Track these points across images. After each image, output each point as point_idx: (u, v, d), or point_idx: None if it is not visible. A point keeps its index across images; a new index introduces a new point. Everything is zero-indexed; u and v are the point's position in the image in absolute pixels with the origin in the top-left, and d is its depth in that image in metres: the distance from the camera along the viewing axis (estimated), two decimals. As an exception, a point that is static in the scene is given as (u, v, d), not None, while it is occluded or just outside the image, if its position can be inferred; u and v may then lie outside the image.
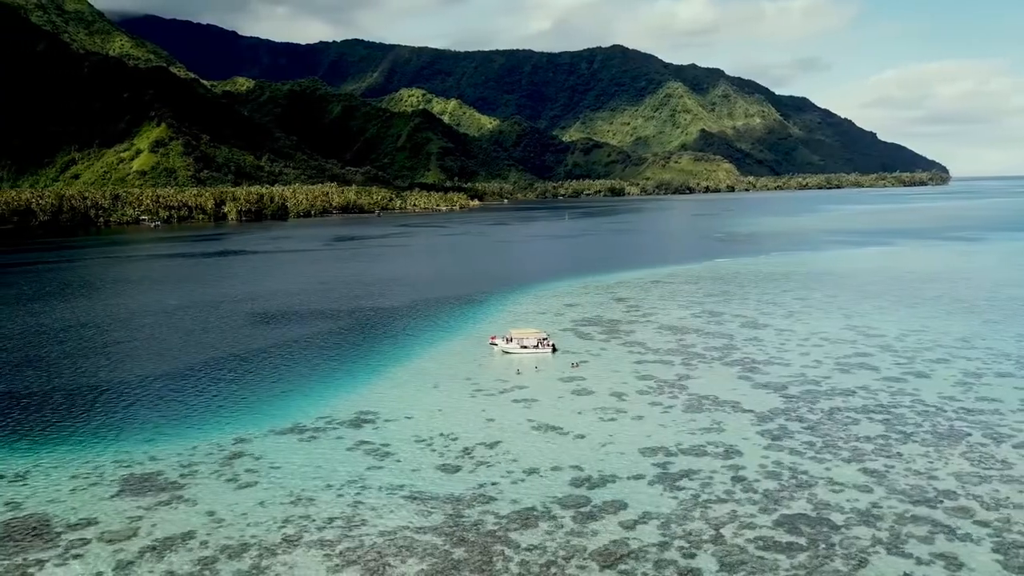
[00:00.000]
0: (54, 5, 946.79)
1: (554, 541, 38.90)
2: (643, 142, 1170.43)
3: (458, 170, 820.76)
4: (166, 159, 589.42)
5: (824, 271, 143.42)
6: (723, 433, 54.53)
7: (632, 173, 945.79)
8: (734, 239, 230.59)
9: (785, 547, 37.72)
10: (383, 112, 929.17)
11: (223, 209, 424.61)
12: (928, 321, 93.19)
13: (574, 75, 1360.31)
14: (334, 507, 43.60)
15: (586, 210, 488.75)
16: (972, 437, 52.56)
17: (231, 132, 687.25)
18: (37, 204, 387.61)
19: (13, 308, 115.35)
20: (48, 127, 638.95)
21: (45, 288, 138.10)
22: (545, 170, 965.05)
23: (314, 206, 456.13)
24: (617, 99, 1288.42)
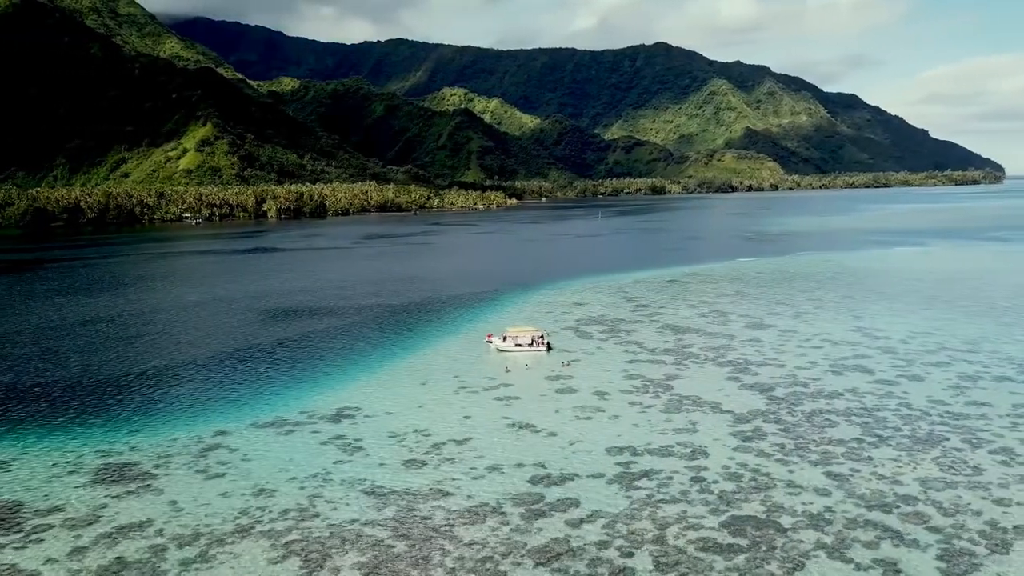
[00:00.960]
0: (108, 8, 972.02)
1: (496, 537, 39.25)
2: (686, 140, 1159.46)
3: (498, 169, 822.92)
4: (211, 158, 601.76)
5: (845, 271, 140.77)
6: (695, 434, 54.22)
7: (674, 171, 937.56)
8: (763, 238, 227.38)
9: (725, 548, 37.53)
10: (425, 111, 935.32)
11: (263, 207, 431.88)
12: (939, 323, 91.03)
13: (617, 73, 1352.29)
14: (292, 499, 44.54)
15: (621, 209, 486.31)
16: (949, 442, 51.44)
17: (275, 131, 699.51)
18: (85, 202, 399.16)
19: (40, 302, 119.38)
20: (100, 127, 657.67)
21: (74, 283, 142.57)
22: (586, 168, 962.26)
23: (352, 204, 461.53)
24: (660, 97, 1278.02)
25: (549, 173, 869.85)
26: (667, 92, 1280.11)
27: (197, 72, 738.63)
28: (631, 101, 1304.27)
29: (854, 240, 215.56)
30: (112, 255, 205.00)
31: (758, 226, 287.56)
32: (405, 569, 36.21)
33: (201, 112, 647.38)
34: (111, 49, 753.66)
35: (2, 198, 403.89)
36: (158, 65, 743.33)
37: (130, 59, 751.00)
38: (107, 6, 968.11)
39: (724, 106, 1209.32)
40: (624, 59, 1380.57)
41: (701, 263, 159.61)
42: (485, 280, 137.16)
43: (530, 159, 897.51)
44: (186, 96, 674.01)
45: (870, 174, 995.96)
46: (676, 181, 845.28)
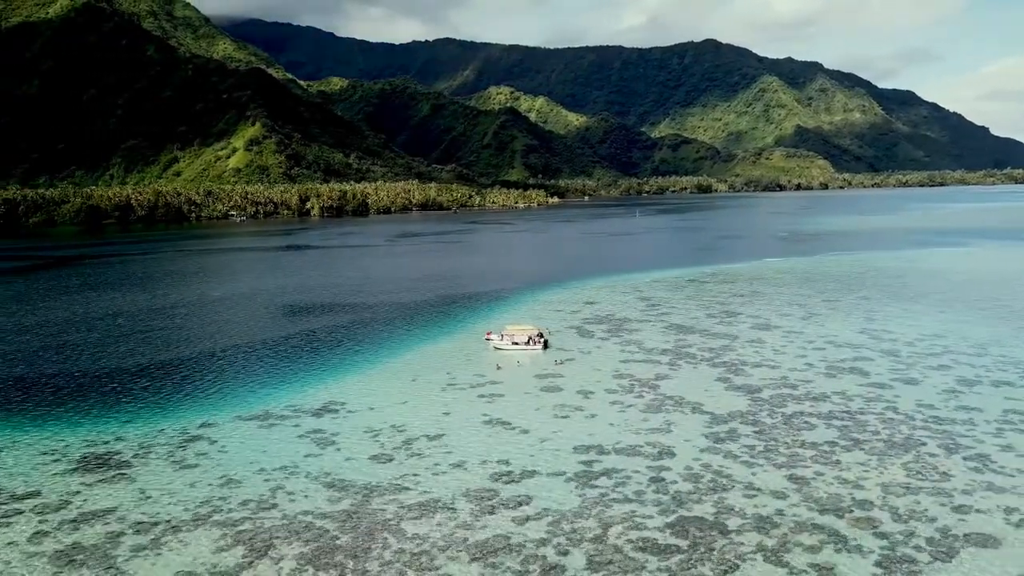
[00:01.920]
0: (164, 11, 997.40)
1: (440, 532, 39.77)
2: (735, 138, 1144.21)
3: (542, 167, 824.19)
4: (259, 157, 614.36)
5: (871, 272, 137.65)
6: (667, 434, 53.96)
7: (721, 170, 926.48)
8: (796, 238, 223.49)
9: (662, 549, 37.45)
10: (470, 110, 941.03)
11: (307, 205, 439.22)
12: (952, 326, 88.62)
13: (665, 71, 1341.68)
14: (254, 490, 45.70)
15: (662, 207, 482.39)
16: (925, 447, 50.30)
17: (322, 131, 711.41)
18: (136, 200, 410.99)
19: (70, 296, 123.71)
20: (154, 127, 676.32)
21: (108, 278, 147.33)
22: (631, 167, 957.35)
23: (394, 203, 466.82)
24: (708, 95, 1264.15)
25: (594, 171, 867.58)
26: (716, 90, 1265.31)
27: (247, 73, 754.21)
28: (679, 99, 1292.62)
29: (892, 240, 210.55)
30: (152, 251, 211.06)
31: (795, 225, 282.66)
32: (342, 560, 36.97)
33: (250, 112, 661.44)
34: (166, 51, 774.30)
35: (59, 196, 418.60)
36: (210, 66, 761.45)
37: (184, 61, 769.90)
38: (163, 9, 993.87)
39: (774, 103, 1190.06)
40: (672, 56, 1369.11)
41: (726, 263, 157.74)
42: (503, 278, 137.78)
43: (575, 157, 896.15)
44: (236, 96, 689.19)
45: (925, 173, 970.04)
46: (722, 180, 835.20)
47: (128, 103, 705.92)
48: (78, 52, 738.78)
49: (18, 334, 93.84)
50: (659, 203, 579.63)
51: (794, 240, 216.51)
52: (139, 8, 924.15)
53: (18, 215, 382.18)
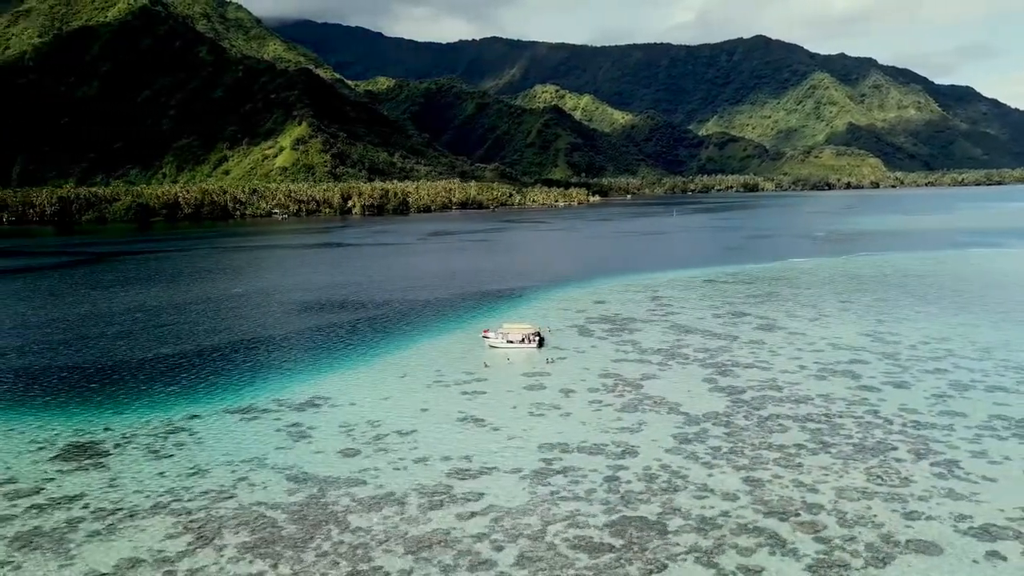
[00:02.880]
0: (218, 14, 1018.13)
1: (383, 525, 40.52)
2: (784, 136, 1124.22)
3: (586, 166, 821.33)
4: (305, 156, 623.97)
5: (896, 273, 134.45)
6: (636, 434, 53.88)
7: (769, 168, 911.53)
8: (832, 238, 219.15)
9: (595, 547, 37.59)
10: (514, 109, 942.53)
11: (348, 204, 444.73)
12: (964, 329, 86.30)
13: (713, 68, 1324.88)
14: (218, 481, 47.03)
15: (703, 206, 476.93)
16: (895, 452, 49.38)
17: (367, 130, 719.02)
18: (183, 198, 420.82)
19: (98, 291, 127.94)
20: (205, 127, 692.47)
21: (139, 274, 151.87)
22: (677, 165, 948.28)
23: (434, 202, 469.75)
24: (758, 92, 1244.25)
25: (638, 170, 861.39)
26: (765, 87, 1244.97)
27: (295, 73, 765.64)
28: (728, 96, 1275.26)
29: (929, 240, 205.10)
30: (189, 248, 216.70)
31: (834, 225, 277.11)
32: (280, 550, 37.96)
33: (297, 112, 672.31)
34: (218, 52, 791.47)
35: (110, 194, 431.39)
36: (260, 67, 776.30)
37: (235, 61, 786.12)
38: (216, 11, 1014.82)
39: (825, 100, 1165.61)
40: (721, 53, 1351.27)
41: (750, 263, 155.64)
42: (520, 277, 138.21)
43: (619, 156, 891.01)
44: (284, 96, 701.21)
45: (982, 171, 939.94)
46: (769, 178, 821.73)
47: (181, 103, 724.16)
48: (134, 54, 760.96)
49: (38, 327, 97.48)
50: (701, 202, 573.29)
51: (827, 240, 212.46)
52: (193, 11, 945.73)
53: (72, 212, 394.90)
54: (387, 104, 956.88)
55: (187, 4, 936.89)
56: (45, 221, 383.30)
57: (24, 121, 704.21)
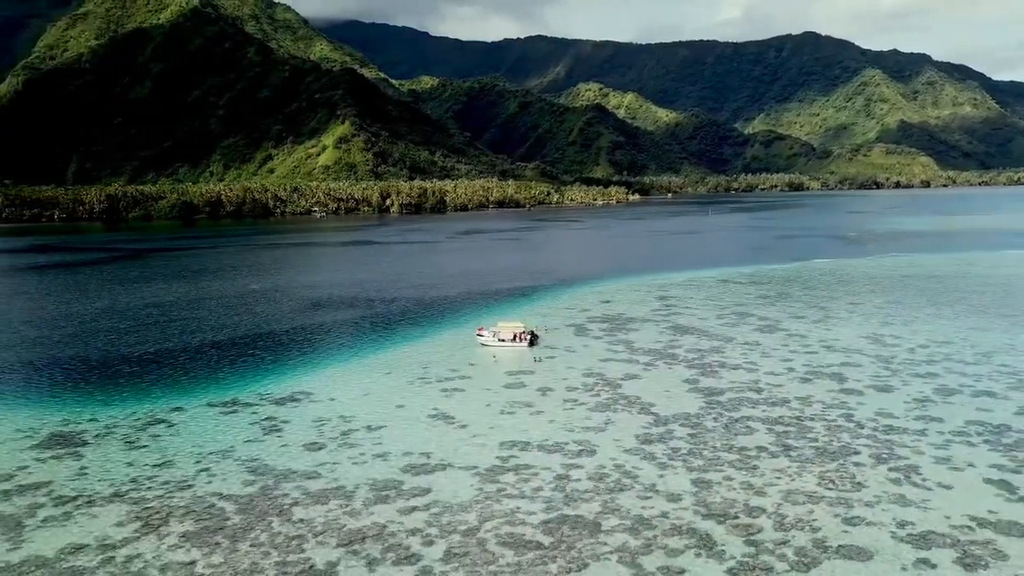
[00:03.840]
0: (266, 15, 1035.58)
1: (324, 518, 41.33)
2: (833, 134, 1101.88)
3: (628, 164, 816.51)
4: (348, 154, 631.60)
5: (918, 275, 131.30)
6: (600, 433, 53.89)
7: (816, 167, 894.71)
8: (864, 238, 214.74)
9: (522, 545, 37.86)
10: (556, 107, 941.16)
11: (387, 202, 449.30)
12: (969, 332, 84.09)
13: (760, 65, 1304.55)
14: (180, 472, 48.41)
15: (740, 206, 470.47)
16: (856, 456, 48.58)
17: (409, 129, 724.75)
18: (226, 196, 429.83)
19: (123, 286, 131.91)
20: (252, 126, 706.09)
21: (166, 271, 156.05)
22: (722, 164, 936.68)
23: (471, 200, 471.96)
24: (806, 89, 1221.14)
25: (681, 168, 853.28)
26: (814, 84, 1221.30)
27: (340, 73, 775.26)
28: (775, 94, 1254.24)
29: (965, 241, 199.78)
30: (222, 245, 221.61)
31: (870, 225, 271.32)
32: (219, 540, 39.01)
33: (341, 111, 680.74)
34: (265, 53, 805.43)
35: (156, 192, 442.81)
36: (305, 67, 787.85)
37: (281, 62, 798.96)
38: (265, 13, 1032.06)
39: (876, 97, 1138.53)
40: (769, 50, 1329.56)
41: (770, 263, 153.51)
42: (533, 275, 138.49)
43: (662, 154, 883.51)
44: (328, 96, 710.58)
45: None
46: (816, 177, 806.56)
47: (229, 103, 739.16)
48: (185, 55, 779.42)
49: (55, 320, 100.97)
50: (742, 201, 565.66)
51: (857, 241, 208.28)
52: (242, 12, 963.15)
53: (119, 210, 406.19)
54: (430, 103, 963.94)
55: (236, 6, 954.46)
56: (94, 218, 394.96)
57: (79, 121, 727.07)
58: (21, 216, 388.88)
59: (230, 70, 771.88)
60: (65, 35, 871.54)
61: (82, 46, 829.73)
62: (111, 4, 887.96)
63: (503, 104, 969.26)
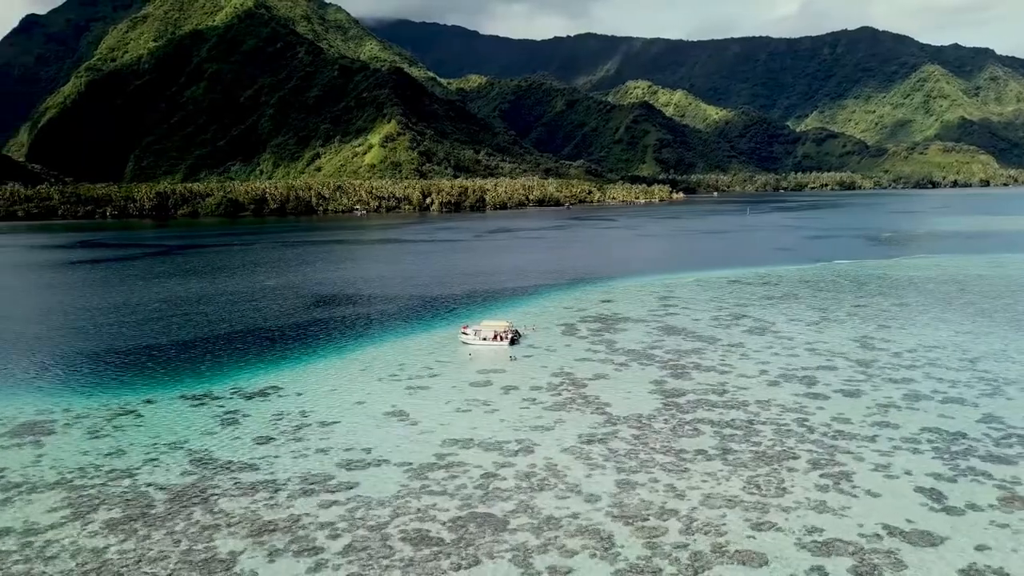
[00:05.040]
0: (318, 16, 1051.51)
1: (244, 509, 42.39)
2: (889, 131, 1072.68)
3: (675, 162, 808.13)
4: (393, 153, 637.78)
5: (939, 276, 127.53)
6: (546, 432, 54.01)
7: (869, 165, 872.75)
8: (895, 239, 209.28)
9: (424, 540, 38.34)
10: (603, 105, 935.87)
11: (427, 200, 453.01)
12: (965, 337, 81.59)
13: (815, 61, 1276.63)
14: (128, 461, 50.05)
15: (785, 205, 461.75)
16: (793, 462, 47.83)
17: (455, 127, 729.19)
18: (270, 194, 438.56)
19: (144, 281, 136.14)
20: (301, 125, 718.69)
21: (192, 267, 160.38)
22: (772, 162, 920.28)
23: (511, 199, 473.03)
24: (862, 86, 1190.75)
25: (730, 166, 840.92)
26: (871, 80, 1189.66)
27: (388, 72, 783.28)
28: (829, 91, 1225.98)
29: (1004, 242, 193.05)
30: (255, 242, 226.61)
31: (909, 225, 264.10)
32: (136, 528, 40.38)
33: (387, 110, 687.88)
34: (315, 53, 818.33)
35: (204, 189, 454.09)
36: (354, 67, 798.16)
37: (331, 62, 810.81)
38: (317, 13, 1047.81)
39: (936, 94, 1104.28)
40: (824, 46, 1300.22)
41: (788, 264, 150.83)
42: (543, 274, 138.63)
43: (710, 152, 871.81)
44: (375, 95, 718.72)
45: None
46: (869, 176, 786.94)
47: (279, 102, 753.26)
48: (238, 55, 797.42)
49: (63, 314, 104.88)
50: (787, 200, 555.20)
51: (889, 241, 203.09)
52: (294, 13, 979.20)
53: (168, 207, 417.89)
54: (477, 101, 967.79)
55: (289, 7, 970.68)
56: (144, 215, 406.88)
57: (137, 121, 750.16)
58: (76, 213, 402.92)
59: (281, 70, 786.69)
60: (126, 37, 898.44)
61: (141, 48, 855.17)
62: (169, 7, 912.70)
63: (550, 102, 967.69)
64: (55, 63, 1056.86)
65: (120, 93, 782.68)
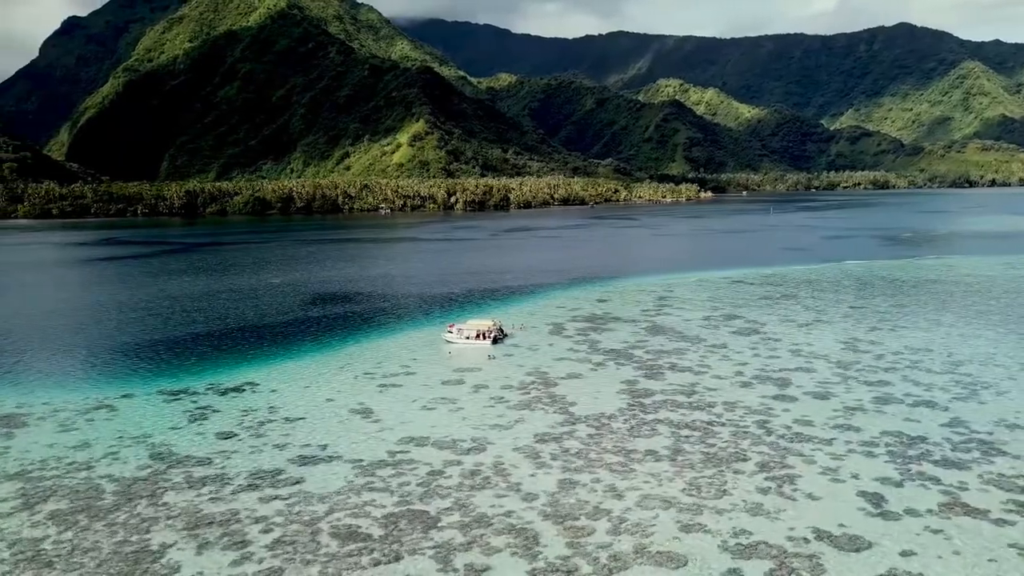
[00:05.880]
0: (350, 16, 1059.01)
1: (188, 503, 43.25)
2: (927, 130, 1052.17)
3: (705, 161, 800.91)
4: (421, 152, 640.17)
5: (947, 278, 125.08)
6: (504, 431, 54.16)
7: (905, 164, 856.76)
8: (915, 239, 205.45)
9: (352, 536, 38.80)
10: (633, 103, 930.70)
11: (452, 199, 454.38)
12: (956, 340, 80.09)
13: (850, 58, 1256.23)
14: (91, 454, 51.20)
15: (812, 204, 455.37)
16: (741, 464, 47.48)
17: (483, 127, 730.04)
18: (297, 193, 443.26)
19: (154, 279, 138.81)
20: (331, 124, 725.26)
21: (203, 265, 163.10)
22: (805, 161, 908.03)
23: (535, 198, 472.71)
24: (898, 83, 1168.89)
25: (760, 165, 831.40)
26: (908, 77, 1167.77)
27: (417, 71, 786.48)
28: (865, 88, 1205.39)
29: None
30: (271, 240, 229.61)
31: (934, 225, 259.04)
32: (79, 519, 41.37)
33: (416, 109, 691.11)
34: (346, 52, 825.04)
35: (232, 188, 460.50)
36: (384, 66, 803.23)
37: (361, 61, 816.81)
38: (348, 14, 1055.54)
39: (975, 91, 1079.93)
40: (859, 43, 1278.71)
41: (797, 264, 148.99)
42: (547, 273, 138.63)
43: (741, 151, 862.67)
44: (404, 94, 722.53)
45: None
46: (904, 175, 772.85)
47: (310, 102, 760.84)
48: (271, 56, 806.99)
49: (65, 312, 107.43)
50: (815, 200, 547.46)
51: (908, 241, 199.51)
52: (326, 13, 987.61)
53: (196, 205, 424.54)
54: (507, 100, 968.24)
55: (321, 7, 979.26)
56: (173, 213, 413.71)
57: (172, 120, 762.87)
58: (108, 211, 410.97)
59: (312, 70, 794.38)
60: (162, 38, 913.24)
61: (177, 49, 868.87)
62: (205, 8, 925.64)
63: (580, 101, 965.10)
64: (95, 64, 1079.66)
65: (156, 93, 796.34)
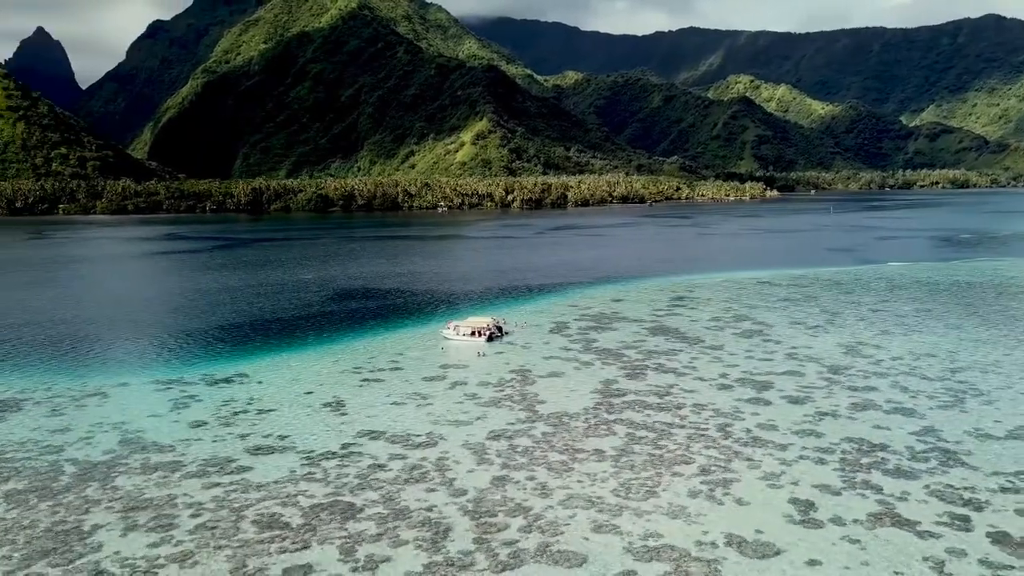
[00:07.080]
0: (419, 16, 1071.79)
1: (135, 486, 45.15)
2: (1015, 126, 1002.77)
3: (774, 159, 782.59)
4: (484, 150, 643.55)
5: (989, 280, 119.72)
6: (461, 427, 54.64)
7: (988, 162, 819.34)
8: (971, 241, 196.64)
9: (272, 524, 39.81)
10: (701, 100, 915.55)
11: (509, 197, 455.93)
12: (963, 346, 76.81)
13: (932, 52, 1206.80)
14: (65, 439, 53.73)
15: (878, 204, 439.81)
16: (685, 467, 46.79)
17: (547, 125, 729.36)
18: (358, 190, 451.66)
19: (190, 273, 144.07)
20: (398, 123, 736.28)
21: (251, 259, 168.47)
22: (881, 159, 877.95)
23: (593, 196, 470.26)
24: (985, 77, 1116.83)
25: (833, 163, 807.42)
26: (995, 71, 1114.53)
27: (483, 70, 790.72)
28: (948, 83, 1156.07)
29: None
30: (320, 237, 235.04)
31: (998, 226, 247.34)
32: (31, 499, 43.64)
33: (480, 108, 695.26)
34: (414, 52, 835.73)
35: (297, 185, 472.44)
36: (450, 65, 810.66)
37: (428, 61, 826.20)
38: (417, 13, 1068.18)
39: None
40: (942, 36, 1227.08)
41: (835, 265, 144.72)
42: (572, 272, 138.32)
43: (812, 149, 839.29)
44: (469, 93, 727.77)
45: None
46: (985, 174, 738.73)
47: (378, 101, 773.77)
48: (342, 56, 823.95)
49: (94, 303, 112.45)
50: (885, 199, 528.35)
51: (963, 243, 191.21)
52: (395, 14, 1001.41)
53: (262, 202, 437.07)
54: (573, 98, 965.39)
55: (391, 7, 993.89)
56: (240, 210, 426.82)
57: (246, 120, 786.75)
58: (179, 207, 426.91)
59: (381, 69, 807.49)
60: (239, 40, 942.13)
61: (252, 50, 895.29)
62: (279, 10, 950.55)
63: (646, 98, 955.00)
64: (177, 66, 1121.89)
65: (232, 93, 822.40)
